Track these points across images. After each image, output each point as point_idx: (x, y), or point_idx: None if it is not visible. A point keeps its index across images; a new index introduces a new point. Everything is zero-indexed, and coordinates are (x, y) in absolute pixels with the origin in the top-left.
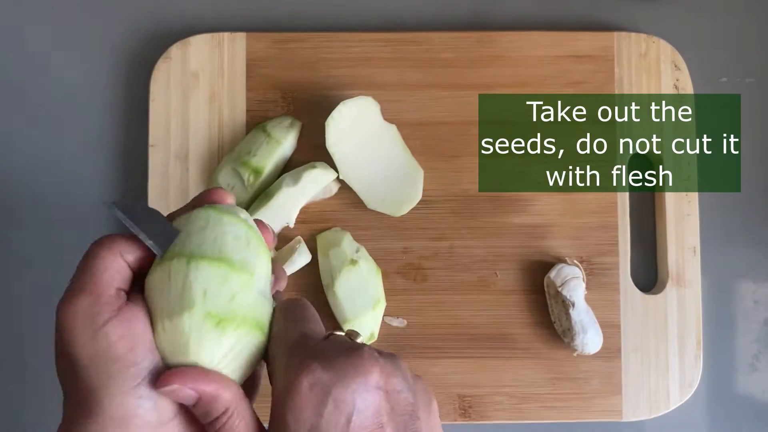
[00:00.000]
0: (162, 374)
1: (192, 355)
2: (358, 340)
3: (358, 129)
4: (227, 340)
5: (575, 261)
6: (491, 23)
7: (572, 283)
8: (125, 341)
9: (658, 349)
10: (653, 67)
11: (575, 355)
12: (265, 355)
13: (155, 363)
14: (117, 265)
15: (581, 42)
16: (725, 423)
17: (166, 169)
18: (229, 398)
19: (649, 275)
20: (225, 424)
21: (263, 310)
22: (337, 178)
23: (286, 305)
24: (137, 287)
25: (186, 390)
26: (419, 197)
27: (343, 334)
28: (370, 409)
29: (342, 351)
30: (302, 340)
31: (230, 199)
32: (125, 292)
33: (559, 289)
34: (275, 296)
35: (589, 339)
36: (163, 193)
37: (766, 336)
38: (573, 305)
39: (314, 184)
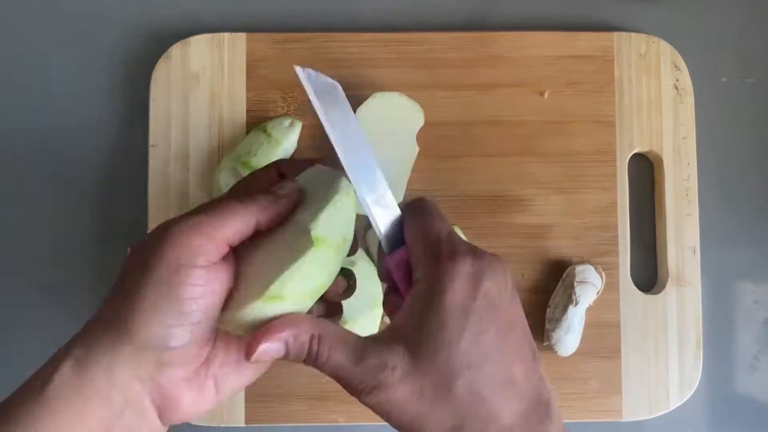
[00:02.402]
0: (245, 346)
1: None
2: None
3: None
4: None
5: (602, 274)
6: (491, 23)
7: (588, 287)
8: (193, 290)
9: (658, 349)
10: (653, 67)
11: (543, 344)
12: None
13: (201, 321)
14: (242, 225)
15: (581, 42)
16: (725, 423)
17: (166, 169)
18: (307, 326)
19: (649, 275)
20: (319, 352)
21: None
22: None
23: (423, 204)
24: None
25: (272, 346)
26: (400, 199)
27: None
28: (507, 307)
29: (486, 252)
30: (451, 234)
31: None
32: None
33: (575, 283)
34: None
35: (567, 340)
36: (163, 193)
37: (766, 336)
38: (576, 304)
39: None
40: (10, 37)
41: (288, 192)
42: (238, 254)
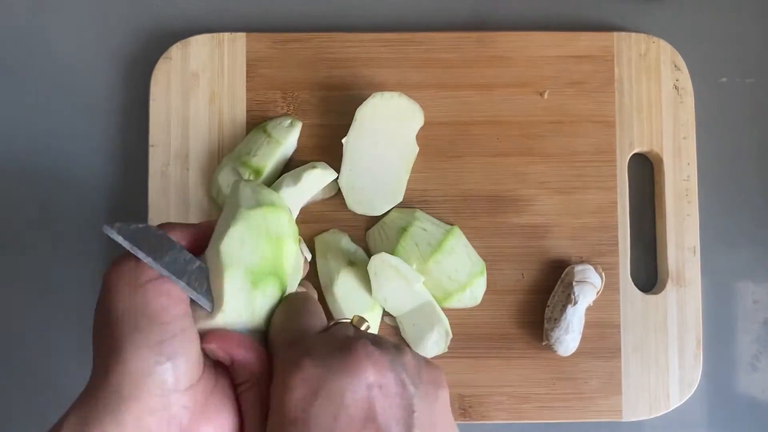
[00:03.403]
0: (209, 334)
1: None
2: (363, 327)
3: (380, 129)
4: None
5: (602, 274)
6: (491, 23)
7: (587, 287)
8: (161, 300)
9: (658, 349)
10: (653, 67)
11: (543, 344)
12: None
13: (183, 329)
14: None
15: (581, 42)
16: (725, 423)
17: (166, 169)
18: (253, 371)
19: (649, 275)
20: (241, 393)
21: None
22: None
23: (288, 299)
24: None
25: (220, 352)
26: (400, 199)
27: (348, 321)
28: (359, 405)
29: (335, 347)
30: (300, 334)
31: None
32: None
33: (574, 283)
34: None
35: (566, 340)
36: (163, 193)
37: (766, 336)
38: (574, 303)
39: (314, 184)
40: (10, 37)
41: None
42: None
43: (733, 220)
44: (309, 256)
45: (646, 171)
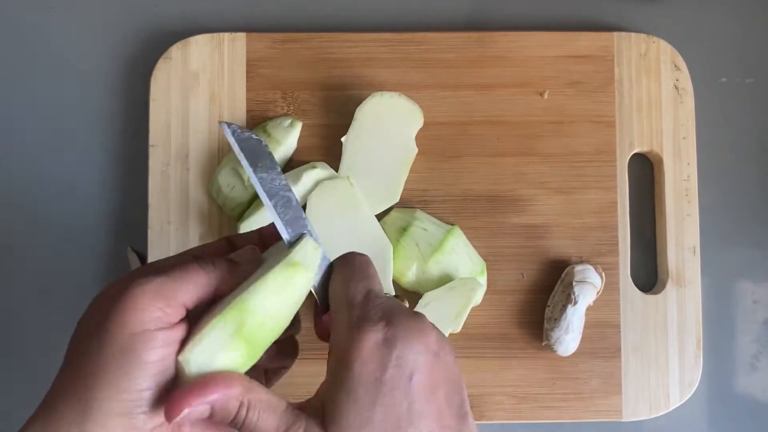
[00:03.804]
0: (167, 405)
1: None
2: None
3: (379, 129)
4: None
5: (602, 274)
6: (491, 23)
7: (587, 287)
8: (147, 354)
9: (657, 349)
10: (653, 67)
11: (543, 344)
12: (316, 308)
13: (159, 383)
14: (202, 290)
15: (581, 42)
16: (725, 423)
17: (166, 169)
18: (238, 392)
19: (649, 275)
20: (247, 418)
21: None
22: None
23: (349, 259)
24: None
25: (197, 409)
26: (396, 199)
27: (394, 296)
28: (428, 370)
29: (404, 312)
30: (367, 295)
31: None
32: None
33: (574, 283)
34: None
35: (566, 340)
36: (163, 193)
37: (766, 336)
38: (574, 303)
39: (314, 185)
40: (10, 37)
41: (246, 260)
42: (192, 315)
43: (733, 220)
44: None
45: (646, 171)
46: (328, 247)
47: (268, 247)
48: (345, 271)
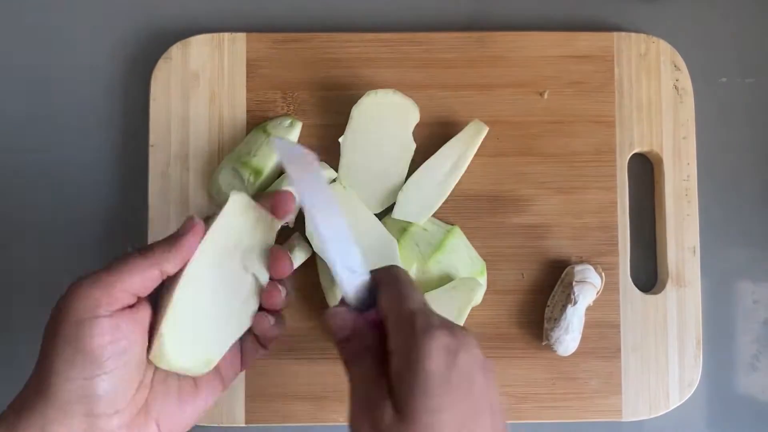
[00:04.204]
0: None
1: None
2: None
3: (376, 127)
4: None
5: (602, 274)
6: (491, 23)
7: (587, 287)
8: (101, 338)
9: (657, 349)
10: (653, 67)
11: (543, 344)
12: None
13: (117, 367)
14: (142, 277)
15: (581, 42)
16: (725, 423)
17: (166, 169)
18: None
19: (649, 275)
20: (353, 355)
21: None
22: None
23: (396, 273)
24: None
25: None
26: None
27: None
28: (480, 376)
29: (456, 325)
30: (427, 306)
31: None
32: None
33: (574, 283)
34: None
35: (566, 340)
36: (163, 193)
37: (766, 336)
38: (574, 303)
39: None
40: (10, 38)
41: (185, 230)
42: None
43: (733, 220)
44: (309, 253)
45: (646, 171)
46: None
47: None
48: (394, 282)
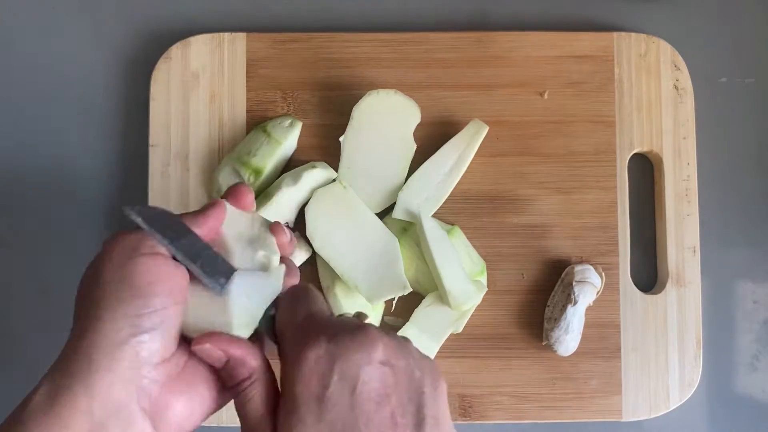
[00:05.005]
0: (199, 336)
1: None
2: (366, 320)
3: (376, 127)
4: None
5: (602, 274)
6: (491, 23)
7: (588, 287)
8: (149, 274)
9: (657, 349)
10: (653, 67)
11: (543, 344)
12: (273, 336)
13: (166, 306)
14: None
15: (581, 42)
16: (725, 423)
17: (166, 169)
18: (254, 366)
19: (649, 275)
20: (246, 389)
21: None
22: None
23: (291, 290)
24: None
25: (217, 351)
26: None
27: (351, 314)
28: (375, 381)
29: (347, 327)
30: (308, 318)
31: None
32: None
33: (574, 283)
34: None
35: (566, 340)
36: (163, 193)
37: (766, 336)
38: (574, 303)
39: (314, 184)
40: (10, 38)
41: (210, 203)
42: None
43: (733, 220)
44: (309, 253)
45: (646, 171)
46: (334, 252)
47: None
48: (287, 300)
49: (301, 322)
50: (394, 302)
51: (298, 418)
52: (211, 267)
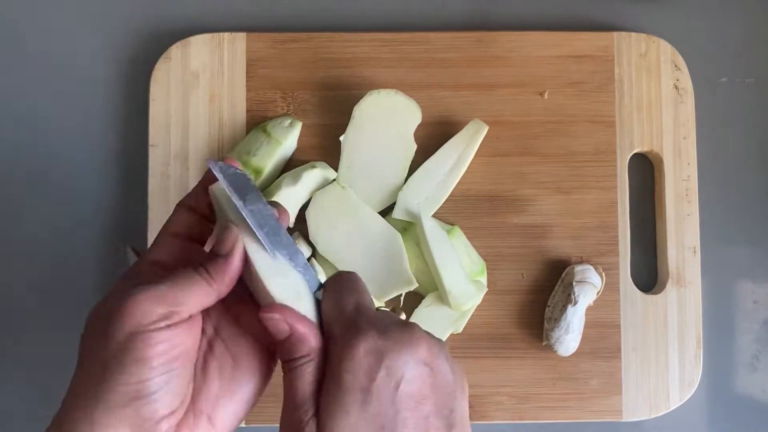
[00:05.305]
0: (269, 305)
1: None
2: (402, 316)
3: (377, 126)
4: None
5: (602, 274)
6: (491, 23)
7: (588, 287)
8: (155, 348)
9: (658, 349)
10: (653, 67)
11: (543, 344)
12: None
13: (171, 370)
14: (209, 300)
15: (581, 42)
16: (725, 423)
17: (166, 169)
18: (314, 345)
19: (649, 275)
20: (301, 366)
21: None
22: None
23: (338, 278)
24: None
25: (283, 324)
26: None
27: (388, 310)
28: (417, 381)
29: (395, 323)
30: (358, 309)
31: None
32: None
33: (574, 283)
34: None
35: (566, 340)
36: (163, 193)
37: (766, 336)
38: (574, 303)
39: (314, 184)
40: (10, 39)
41: (230, 246)
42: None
43: (733, 220)
44: (308, 252)
45: (646, 171)
46: (338, 254)
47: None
48: (334, 287)
49: (351, 312)
50: (402, 299)
51: (342, 406)
52: (275, 237)
